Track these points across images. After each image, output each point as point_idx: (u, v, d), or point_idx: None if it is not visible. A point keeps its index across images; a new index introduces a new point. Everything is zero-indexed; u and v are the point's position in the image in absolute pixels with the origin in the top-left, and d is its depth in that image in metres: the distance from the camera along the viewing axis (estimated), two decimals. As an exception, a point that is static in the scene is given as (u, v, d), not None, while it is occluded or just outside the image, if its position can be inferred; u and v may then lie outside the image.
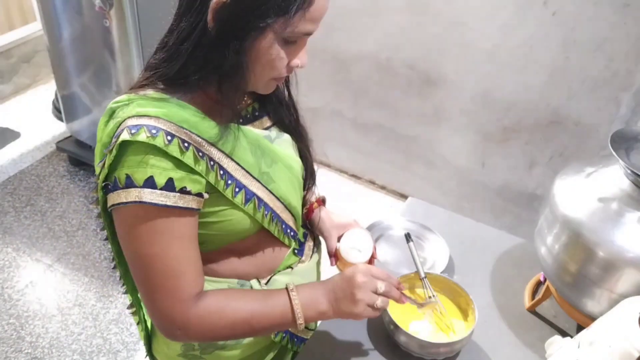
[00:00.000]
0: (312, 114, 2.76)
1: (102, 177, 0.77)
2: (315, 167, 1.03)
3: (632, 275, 0.87)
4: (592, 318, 0.92)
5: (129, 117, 0.75)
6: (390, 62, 2.44)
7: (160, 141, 0.73)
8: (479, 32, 2.14)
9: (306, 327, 1.06)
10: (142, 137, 0.72)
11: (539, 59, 2.06)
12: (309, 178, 1.03)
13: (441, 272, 1.15)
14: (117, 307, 2.19)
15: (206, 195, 0.79)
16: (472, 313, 1.01)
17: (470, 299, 1.02)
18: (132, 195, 0.74)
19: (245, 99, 0.91)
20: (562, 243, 0.96)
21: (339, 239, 1.04)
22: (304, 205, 1.07)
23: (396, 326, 0.97)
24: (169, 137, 0.74)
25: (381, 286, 0.85)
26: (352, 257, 1.00)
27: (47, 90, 3.48)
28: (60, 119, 3.05)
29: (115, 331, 2.10)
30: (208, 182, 0.79)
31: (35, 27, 3.40)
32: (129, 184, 0.74)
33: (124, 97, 0.79)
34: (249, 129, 0.88)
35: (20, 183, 2.77)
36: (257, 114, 0.93)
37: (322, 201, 1.12)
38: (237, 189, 0.83)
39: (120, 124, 0.75)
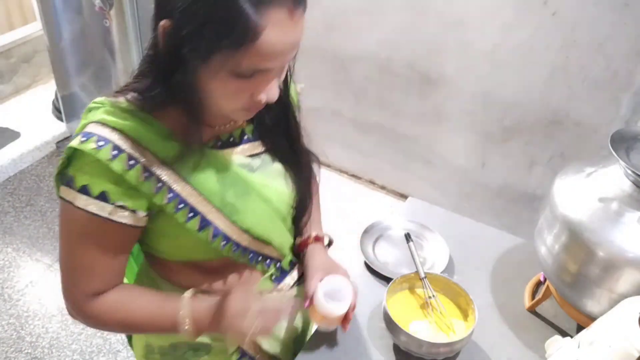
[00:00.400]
0: (312, 114, 2.75)
1: (58, 168, 0.78)
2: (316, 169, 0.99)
3: (632, 275, 0.87)
4: (592, 318, 0.92)
5: (91, 122, 0.76)
6: (390, 62, 2.44)
7: (103, 155, 0.73)
8: (478, 32, 2.14)
9: (266, 353, 1.00)
10: (88, 147, 0.73)
11: (539, 59, 2.06)
12: (301, 211, 0.98)
13: (441, 272, 1.15)
14: (117, 307, 2.19)
15: (142, 213, 0.79)
16: (472, 313, 1.01)
17: (470, 299, 1.02)
18: (70, 195, 0.76)
19: (235, 121, 0.86)
20: (562, 243, 0.96)
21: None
22: (297, 235, 1.02)
23: (396, 326, 0.97)
24: (115, 152, 0.74)
25: (257, 323, 0.81)
26: (325, 308, 0.89)
27: (47, 90, 3.48)
28: (60, 119, 3.06)
29: (115, 331, 2.10)
30: (154, 202, 0.78)
31: (35, 27, 3.39)
32: (69, 184, 0.75)
33: (101, 99, 0.80)
34: (222, 155, 0.84)
35: (20, 183, 2.77)
36: (246, 137, 0.88)
37: (329, 242, 1.06)
38: (190, 214, 0.80)
39: (84, 127, 0.76)
